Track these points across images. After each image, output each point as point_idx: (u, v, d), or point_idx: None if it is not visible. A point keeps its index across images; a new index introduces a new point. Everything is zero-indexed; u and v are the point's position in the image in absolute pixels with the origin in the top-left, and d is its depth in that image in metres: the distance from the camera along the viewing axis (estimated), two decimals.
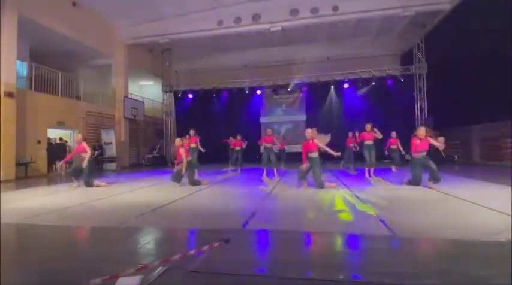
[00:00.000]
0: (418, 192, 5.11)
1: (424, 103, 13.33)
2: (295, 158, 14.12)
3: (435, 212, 3.63)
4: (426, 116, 13.23)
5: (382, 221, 3.13)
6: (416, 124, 13.42)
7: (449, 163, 11.09)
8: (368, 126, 7.55)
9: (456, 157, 11.69)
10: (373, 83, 13.66)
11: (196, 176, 6.55)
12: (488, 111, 9.67)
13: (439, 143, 5.82)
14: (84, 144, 6.68)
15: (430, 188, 5.33)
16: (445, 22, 11.54)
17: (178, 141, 6.49)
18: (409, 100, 13.58)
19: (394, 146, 8.60)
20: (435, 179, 5.42)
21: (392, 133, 8.77)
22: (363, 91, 13.95)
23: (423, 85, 13.39)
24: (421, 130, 5.59)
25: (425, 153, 5.57)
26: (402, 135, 13.52)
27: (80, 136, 6.94)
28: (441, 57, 11.88)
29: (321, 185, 5.56)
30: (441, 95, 12.08)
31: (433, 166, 5.43)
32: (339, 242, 2.69)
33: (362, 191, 5.15)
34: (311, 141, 5.70)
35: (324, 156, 6.06)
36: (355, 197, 4.70)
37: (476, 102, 9.97)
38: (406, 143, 12.74)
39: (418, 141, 5.46)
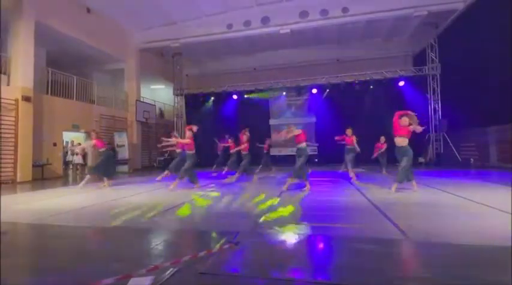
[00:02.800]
0: (432, 196, 4.99)
1: (438, 105, 13.05)
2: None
3: (450, 216, 3.53)
4: (440, 118, 12.93)
5: (395, 225, 3.07)
6: (430, 126, 13.15)
7: (465, 166, 10.79)
8: (349, 131, 7.84)
9: (472, 159, 11.36)
10: (385, 84, 13.49)
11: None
12: (506, 112, 9.35)
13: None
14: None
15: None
16: (458, 21, 11.29)
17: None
18: (423, 102, 13.31)
19: (382, 150, 8.90)
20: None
21: (381, 138, 9.00)
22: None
23: (437, 86, 13.11)
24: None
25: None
26: (415, 137, 13.24)
27: (93, 133, 7.53)
28: (455, 57, 11.60)
29: (298, 176, 5.81)
30: (456, 96, 11.79)
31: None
32: (350, 246, 2.64)
33: (374, 194, 5.06)
34: (302, 133, 6.01)
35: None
36: (366, 199, 4.63)
37: (493, 102, 9.67)
38: (420, 148, 12.38)
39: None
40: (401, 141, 5.29)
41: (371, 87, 13.75)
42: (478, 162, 11.09)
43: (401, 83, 13.48)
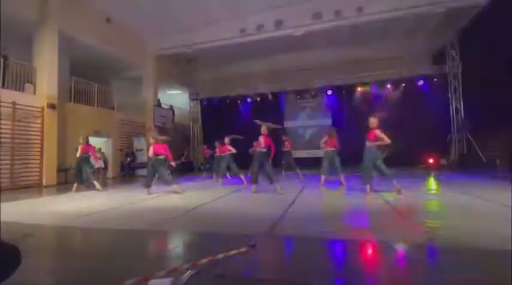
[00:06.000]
0: (455, 199, 4.79)
1: (460, 104, 12.56)
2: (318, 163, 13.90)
3: (477, 220, 3.37)
4: (463, 117, 12.44)
5: (418, 228, 2.96)
6: (452, 126, 12.67)
7: (490, 167, 10.30)
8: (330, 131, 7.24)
9: (498, 161, 10.81)
10: (403, 84, 13.20)
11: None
12: None
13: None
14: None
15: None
16: (480, 17, 10.84)
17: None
18: (443, 101, 12.87)
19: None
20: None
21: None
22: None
23: (458, 84, 12.63)
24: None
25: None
26: (436, 138, 12.77)
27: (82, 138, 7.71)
28: (478, 54, 11.14)
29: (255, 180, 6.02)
30: (479, 95, 11.29)
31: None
32: (368, 250, 2.58)
33: (393, 197, 4.92)
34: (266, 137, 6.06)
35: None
36: (386, 202, 4.51)
37: None
38: (438, 147, 11.84)
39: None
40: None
41: (389, 87, 13.45)
42: (505, 163, 10.54)
43: (421, 82, 13.11)
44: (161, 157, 6.56)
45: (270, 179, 5.98)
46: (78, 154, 7.55)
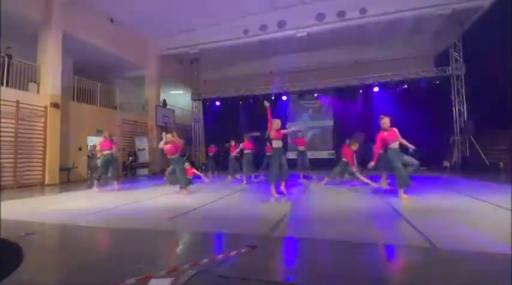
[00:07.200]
0: (458, 201, 4.76)
1: (463, 106, 12.50)
2: (323, 164, 13.90)
3: (482, 225, 3.33)
4: (466, 119, 12.37)
5: (419, 232, 2.94)
6: (455, 128, 12.61)
7: (494, 170, 10.23)
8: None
9: (501, 164, 10.73)
10: (405, 86, 13.12)
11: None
12: None
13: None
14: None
15: (406, 199, 4.85)
16: (484, 19, 10.79)
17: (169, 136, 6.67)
18: (446, 104, 12.80)
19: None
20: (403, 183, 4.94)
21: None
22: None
23: (461, 86, 12.57)
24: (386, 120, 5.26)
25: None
26: (438, 140, 12.68)
27: (107, 133, 7.65)
28: (481, 56, 11.08)
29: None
30: (483, 97, 11.22)
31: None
32: (370, 253, 2.56)
33: (396, 200, 4.90)
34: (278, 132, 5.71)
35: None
36: (389, 205, 4.49)
37: None
38: (444, 152, 11.69)
39: (386, 133, 5.17)
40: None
41: (391, 88, 13.41)
42: (509, 166, 10.46)
43: (423, 84, 13.06)
44: (176, 156, 6.54)
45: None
46: (104, 151, 7.35)
